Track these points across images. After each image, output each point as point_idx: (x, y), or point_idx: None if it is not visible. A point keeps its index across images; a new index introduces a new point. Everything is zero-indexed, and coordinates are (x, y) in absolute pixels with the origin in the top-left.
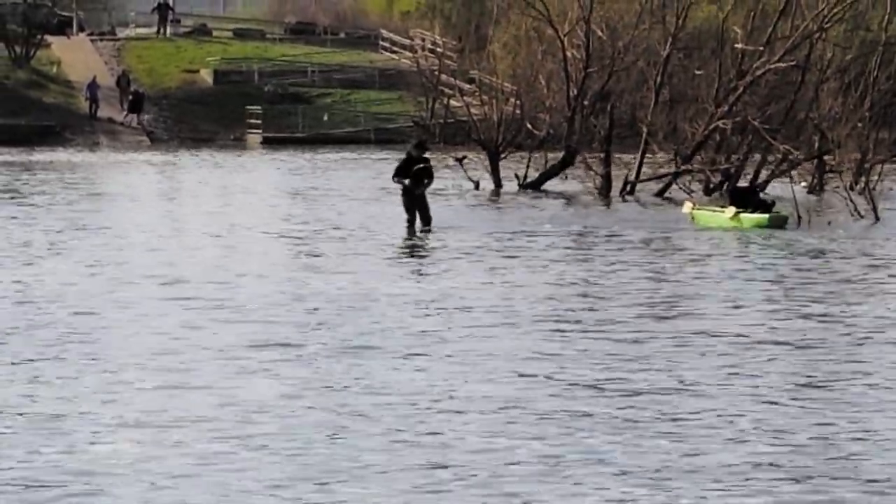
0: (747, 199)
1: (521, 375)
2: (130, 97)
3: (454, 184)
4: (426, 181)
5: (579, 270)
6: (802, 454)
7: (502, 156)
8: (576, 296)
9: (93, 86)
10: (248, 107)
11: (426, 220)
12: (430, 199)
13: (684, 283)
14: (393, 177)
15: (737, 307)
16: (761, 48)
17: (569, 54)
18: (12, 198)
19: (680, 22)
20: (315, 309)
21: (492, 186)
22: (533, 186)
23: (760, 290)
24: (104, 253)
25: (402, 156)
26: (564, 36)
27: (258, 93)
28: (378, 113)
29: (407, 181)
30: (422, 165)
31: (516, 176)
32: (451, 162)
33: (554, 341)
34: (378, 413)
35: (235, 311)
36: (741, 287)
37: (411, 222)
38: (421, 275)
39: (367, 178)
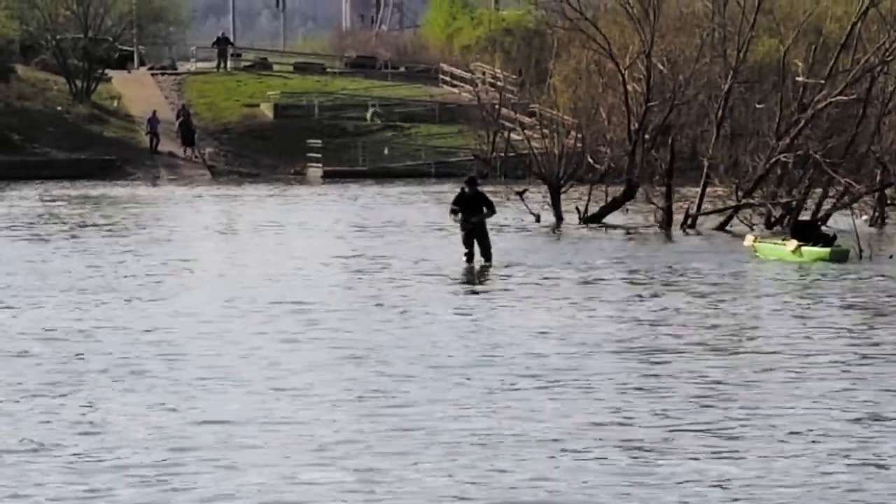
0: (809, 233)
1: (601, 407)
2: (179, 129)
3: (515, 217)
4: (485, 210)
5: (643, 304)
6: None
7: (563, 189)
8: (642, 329)
9: (153, 120)
10: (309, 140)
11: (486, 254)
12: (492, 231)
13: (749, 315)
14: (449, 213)
15: (802, 340)
16: (822, 81)
17: (630, 88)
18: (110, 232)
19: (741, 55)
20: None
21: (553, 220)
22: (594, 220)
23: (824, 323)
24: (221, 287)
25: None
26: (625, 69)
27: (318, 126)
28: (438, 147)
29: (457, 216)
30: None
31: (577, 209)
32: (512, 195)
33: (625, 375)
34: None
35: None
36: (806, 320)
37: (470, 255)
38: (480, 307)
39: (428, 211)
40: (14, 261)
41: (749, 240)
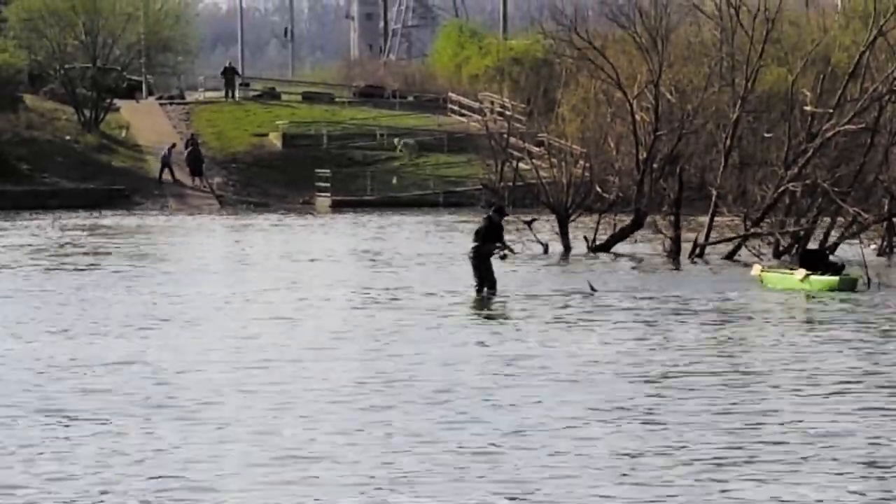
0: (817, 262)
1: (609, 435)
2: (188, 158)
3: (523, 247)
4: (496, 244)
5: (650, 333)
6: None
7: (571, 218)
8: (647, 358)
9: (167, 156)
10: (317, 170)
11: (491, 284)
12: (500, 261)
13: (755, 345)
14: (492, 246)
15: (810, 370)
16: (831, 111)
17: (638, 117)
18: (142, 262)
19: (749, 84)
20: (395, 369)
21: (561, 249)
22: (602, 249)
23: (833, 353)
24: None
25: (479, 219)
26: (633, 99)
27: (327, 156)
28: (447, 176)
29: (474, 245)
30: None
31: (585, 239)
32: (520, 225)
33: (628, 408)
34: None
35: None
36: (813, 349)
37: (480, 285)
38: (490, 337)
39: (438, 241)
40: (52, 292)
41: (756, 269)
